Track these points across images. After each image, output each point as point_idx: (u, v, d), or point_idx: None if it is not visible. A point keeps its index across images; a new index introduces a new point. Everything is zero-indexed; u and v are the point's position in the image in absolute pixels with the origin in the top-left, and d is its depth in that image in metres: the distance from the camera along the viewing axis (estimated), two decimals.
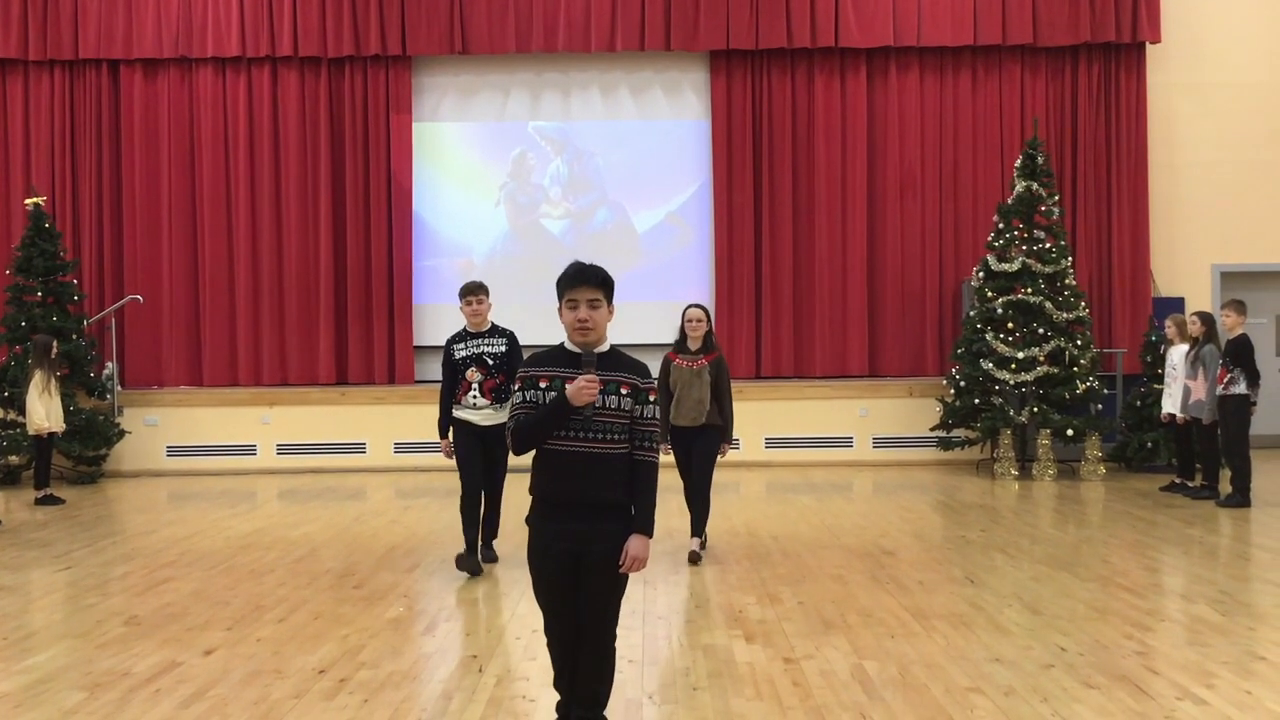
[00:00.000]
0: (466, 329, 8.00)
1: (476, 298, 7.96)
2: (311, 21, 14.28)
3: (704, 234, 14.77)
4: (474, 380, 7.82)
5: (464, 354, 7.92)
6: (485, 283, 8.18)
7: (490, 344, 7.92)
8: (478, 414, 7.84)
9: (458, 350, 7.94)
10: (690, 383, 8.00)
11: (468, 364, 7.88)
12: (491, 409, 7.83)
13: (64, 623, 6.69)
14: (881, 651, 5.86)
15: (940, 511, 10.41)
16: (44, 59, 14.39)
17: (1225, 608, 6.66)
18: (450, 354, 7.96)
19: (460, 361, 7.91)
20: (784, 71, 14.55)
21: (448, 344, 8.03)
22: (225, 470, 13.48)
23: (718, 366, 8.07)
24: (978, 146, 14.56)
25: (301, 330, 14.52)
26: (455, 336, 8.03)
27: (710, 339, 8.15)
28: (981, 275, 12.78)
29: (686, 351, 8.12)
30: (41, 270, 12.98)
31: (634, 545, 4.22)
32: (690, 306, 8.25)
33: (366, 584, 7.59)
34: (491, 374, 7.84)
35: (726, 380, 8.14)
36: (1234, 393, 10.31)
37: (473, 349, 7.92)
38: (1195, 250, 14.51)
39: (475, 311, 7.94)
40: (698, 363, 8.04)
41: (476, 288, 8.01)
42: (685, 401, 8.00)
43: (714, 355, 8.10)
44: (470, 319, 7.96)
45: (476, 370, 7.84)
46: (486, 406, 7.82)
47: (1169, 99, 14.58)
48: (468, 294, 7.98)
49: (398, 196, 14.54)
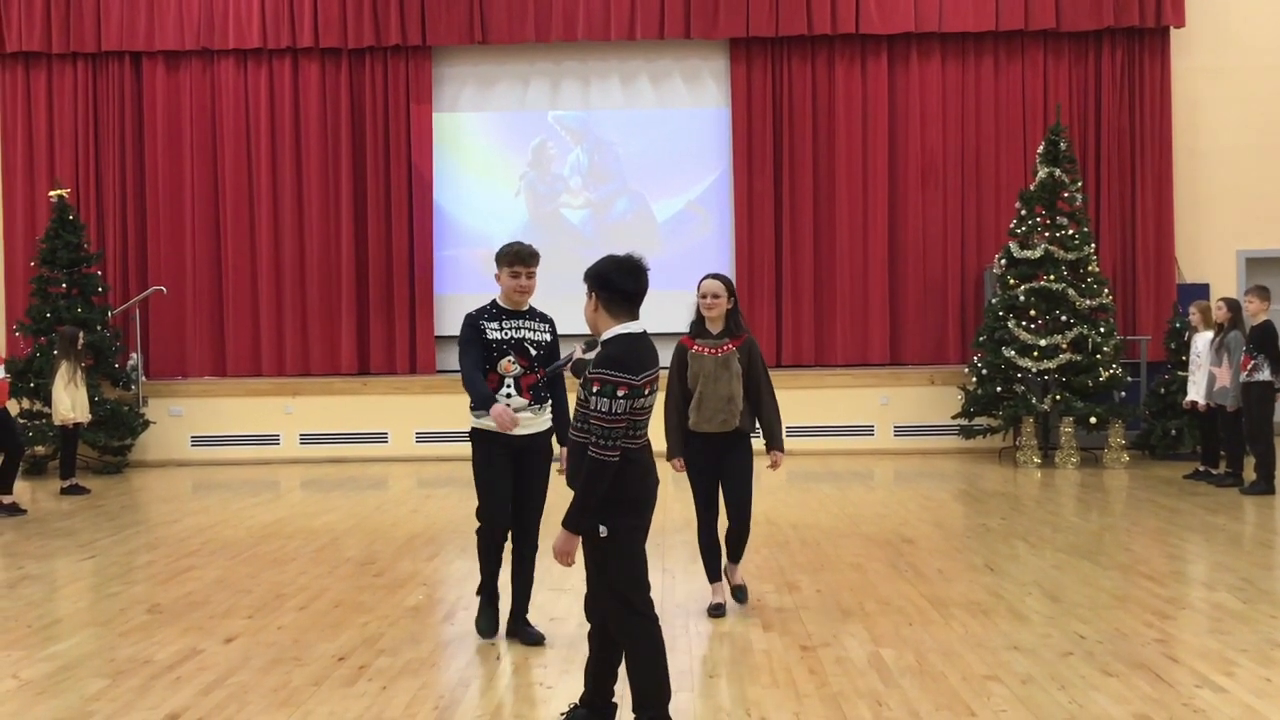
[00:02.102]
0: (499, 304, 5.95)
1: (528, 269, 5.86)
2: (332, 12, 14.33)
3: (724, 222, 14.74)
4: (509, 373, 5.80)
5: (498, 336, 5.83)
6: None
7: (534, 328, 5.93)
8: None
9: (489, 329, 5.83)
10: (715, 375, 6.19)
11: (504, 350, 5.82)
12: (531, 412, 5.84)
13: (87, 611, 6.76)
14: (899, 639, 5.85)
15: (961, 500, 10.38)
16: (67, 52, 14.48)
17: (1247, 595, 6.62)
18: (479, 330, 5.82)
19: (493, 345, 5.82)
20: (804, 59, 14.49)
21: (474, 319, 5.89)
22: (249, 460, 13.57)
23: (749, 352, 6.29)
24: (1000, 133, 14.47)
25: (323, 320, 14.59)
26: (483, 312, 5.93)
27: (736, 319, 6.33)
28: (1004, 262, 12.71)
29: (706, 335, 6.29)
30: (66, 262, 13.07)
31: (556, 538, 4.31)
32: (706, 278, 6.39)
33: (387, 572, 7.63)
34: (533, 367, 5.88)
35: (762, 369, 6.34)
36: (1257, 379, 10.23)
37: (510, 331, 5.86)
38: (1219, 236, 14.38)
39: (522, 288, 5.87)
40: (723, 348, 6.23)
41: (530, 255, 5.88)
42: (710, 400, 6.20)
43: (742, 339, 6.30)
44: (512, 294, 5.89)
45: (515, 360, 5.83)
46: (524, 408, 5.80)
47: (1193, 84, 14.44)
48: (517, 260, 5.84)
49: (418, 187, 14.58)
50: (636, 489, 4.36)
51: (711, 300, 6.27)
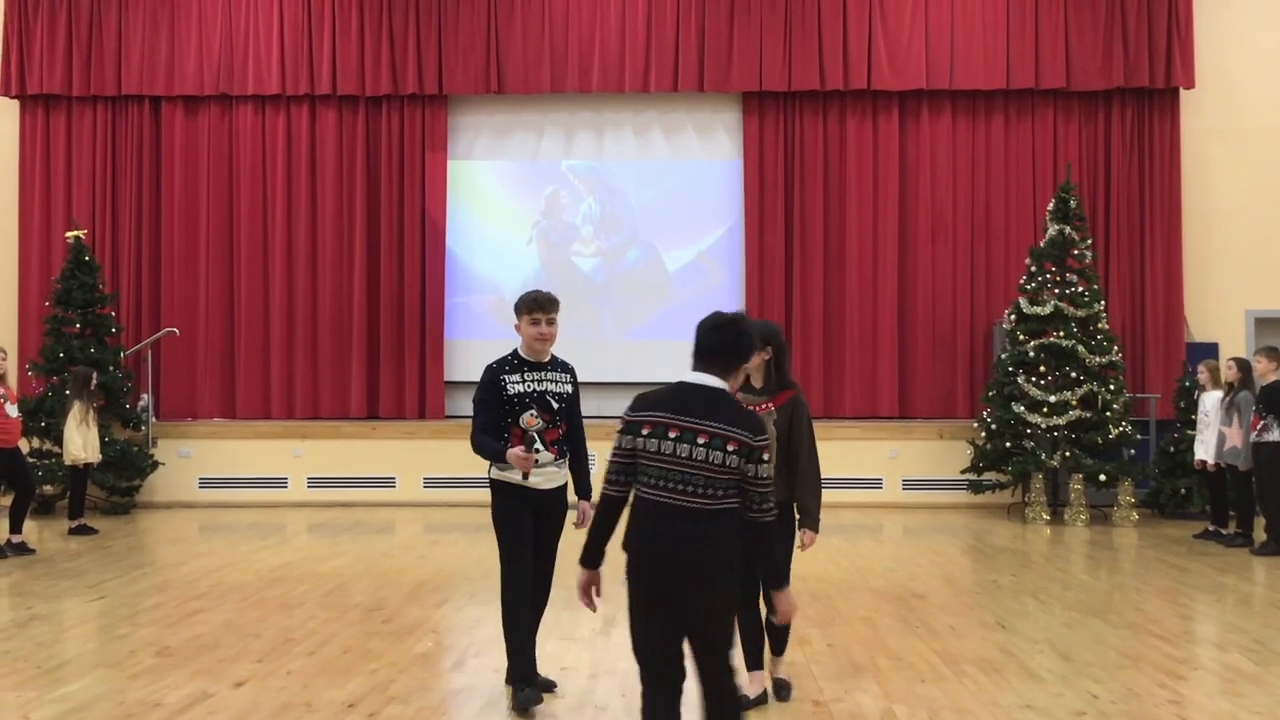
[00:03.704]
0: (520, 355, 5.76)
1: (548, 315, 5.69)
2: (350, 61, 14.50)
3: (735, 274, 14.82)
4: (532, 427, 5.58)
5: (521, 389, 5.66)
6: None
7: (556, 379, 5.77)
8: (538, 474, 5.61)
9: (511, 384, 5.65)
10: None
11: (526, 404, 5.63)
12: (555, 466, 5.71)
13: (97, 652, 6.74)
14: (912, 696, 5.82)
15: (971, 555, 10.35)
16: (87, 95, 14.65)
17: (1259, 657, 6.59)
18: (500, 387, 5.64)
19: (515, 399, 5.63)
20: (816, 113, 14.63)
21: (492, 373, 5.70)
22: (256, 503, 13.57)
23: (791, 413, 5.59)
24: (1010, 189, 14.56)
25: (334, 364, 14.64)
26: (504, 364, 5.74)
27: (780, 374, 5.66)
28: (1013, 318, 12.76)
29: (750, 391, 5.62)
30: (80, 302, 13.15)
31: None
32: None
33: (395, 618, 7.61)
34: (556, 421, 5.73)
35: (805, 432, 5.61)
36: (1267, 440, 10.24)
37: (533, 383, 5.71)
38: (1229, 296, 14.42)
39: (543, 336, 5.69)
40: (760, 407, 5.50)
41: (549, 301, 5.71)
42: None
43: (789, 394, 5.64)
44: (534, 343, 5.71)
45: (539, 414, 5.62)
46: (550, 463, 5.66)
47: (1203, 144, 14.54)
48: (536, 307, 5.67)
49: (431, 233, 14.68)
50: (632, 542, 4.06)
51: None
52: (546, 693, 5.81)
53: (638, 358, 14.29)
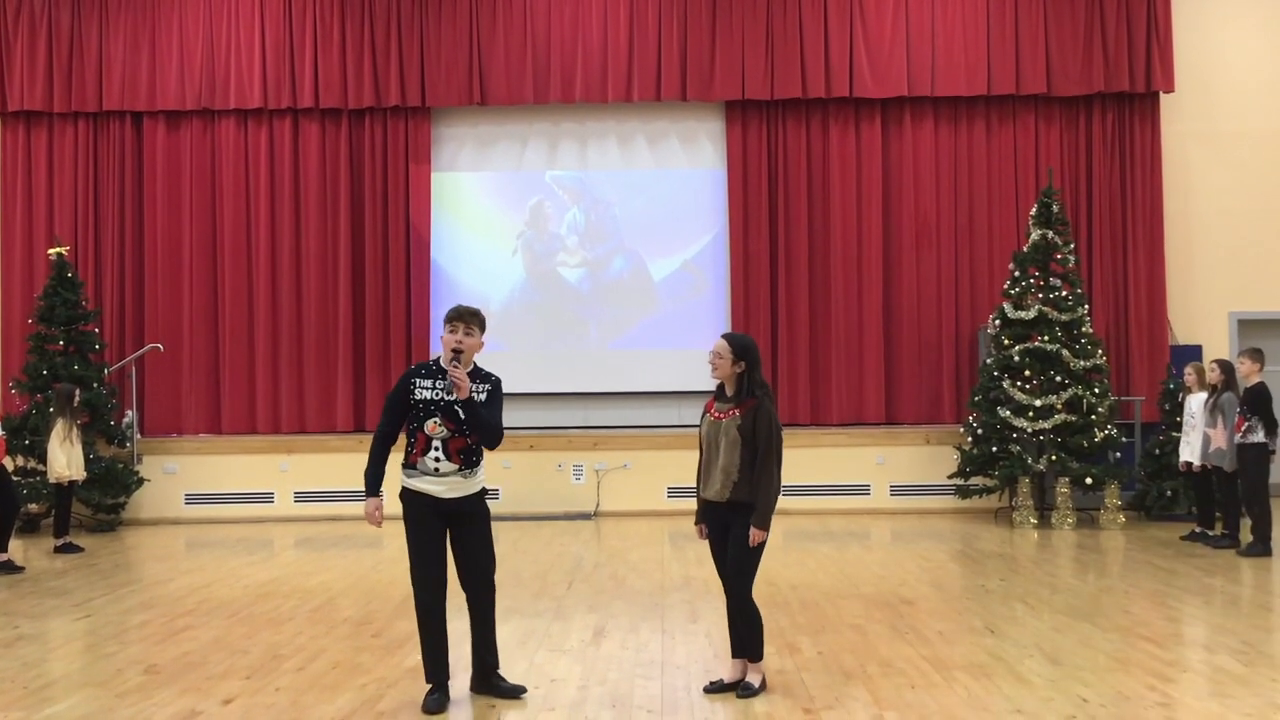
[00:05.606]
0: (438, 363, 5.86)
1: (466, 325, 5.82)
2: (333, 74, 14.49)
3: (720, 282, 14.83)
4: (435, 435, 5.72)
5: (427, 396, 5.76)
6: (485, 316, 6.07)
7: (472, 390, 5.77)
8: (440, 483, 5.78)
9: (420, 388, 5.77)
10: (714, 441, 5.98)
11: (430, 411, 5.74)
12: (460, 475, 5.80)
13: (83, 671, 6.70)
14: (902, 702, 5.83)
15: (959, 560, 10.37)
16: (68, 111, 14.60)
17: (1247, 658, 6.61)
18: (407, 390, 5.79)
19: (420, 405, 5.75)
20: (799, 121, 14.67)
21: (407, 376, 5.87)
22: (243, 518, 13.51)
23: (753, 418, 5.90)
24: (992, 195, 14.62)
25: (319, 378, 14.60)
26: (420, 369, 5.88)
27: (749, 384, 5.98)
28: (998, 323, 12.80)
29: (723, 398, 6.08)
30: (64, 319, 13.09)
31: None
32: (722, 337, 6.18)
33: (384, 632, 7.59)
34: (462, 431, 5.76)
35: (766, 437, 5.88)
36: (1252, 441, 10.28)
37: (441, 392, 5.77)
38: (1212, 298, 14.50)
39: (455, 345, 5.80)
40: (727, 413, 5.97)
41: (470, 314, 5.87)
42: (709, 466, 6.03)
43: (751, 403, 5.94)
44: (445, 350, 5.82)
45: (442, 423, 5.73)
46: (453, 473, 5.77)
47: (1183, 148, 14.63)
48: (455, 318, 5.83)
49: (416, 245, 14.66)
50: None
51: (714, 360, 6.03)
52: (513, 698, 5.97)
53: (623, 367, 14.35)
